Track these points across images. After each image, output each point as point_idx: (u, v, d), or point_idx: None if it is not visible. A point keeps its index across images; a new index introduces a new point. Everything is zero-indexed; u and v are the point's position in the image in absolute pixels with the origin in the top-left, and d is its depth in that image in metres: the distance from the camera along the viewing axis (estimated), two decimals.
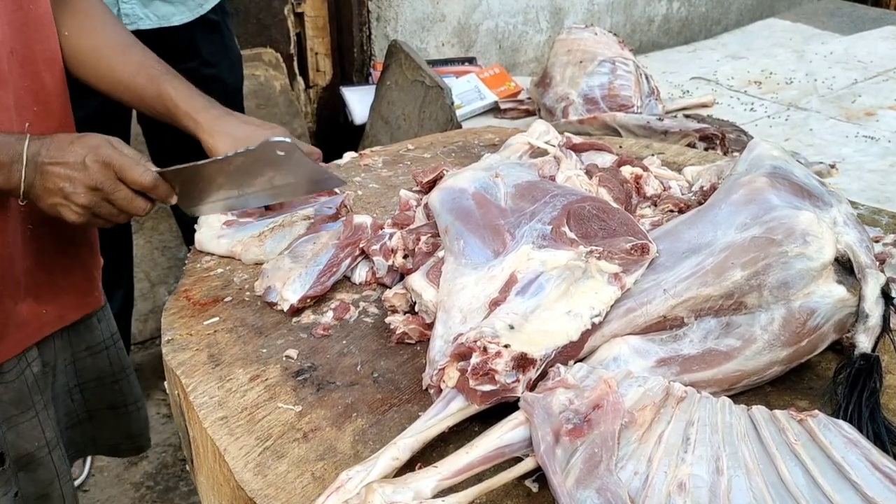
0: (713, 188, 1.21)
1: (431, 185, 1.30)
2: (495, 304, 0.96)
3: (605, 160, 1.32)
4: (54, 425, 1.32)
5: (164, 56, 2.06)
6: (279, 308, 1.15)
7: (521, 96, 2.72)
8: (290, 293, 1.14)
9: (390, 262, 1.17)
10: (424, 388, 0.99)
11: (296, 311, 1.14)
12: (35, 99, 1.21)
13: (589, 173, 1.21)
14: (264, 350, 1.08)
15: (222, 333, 1.11)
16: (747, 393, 0.97)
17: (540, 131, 1.41)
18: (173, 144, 2.21)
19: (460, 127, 2.27)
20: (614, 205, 1.09)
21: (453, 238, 1.06)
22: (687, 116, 2.44)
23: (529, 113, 2.62)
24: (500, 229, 1.05)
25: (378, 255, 1.18)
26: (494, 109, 2.65)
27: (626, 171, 1.27)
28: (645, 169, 1.28)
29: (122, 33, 1.36)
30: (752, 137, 2.26)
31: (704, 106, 2.72)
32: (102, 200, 1.12)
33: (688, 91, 2.85)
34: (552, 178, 1.20)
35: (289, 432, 0.94)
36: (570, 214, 1.04)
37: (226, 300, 1.18)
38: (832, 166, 2.28)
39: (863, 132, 2.53)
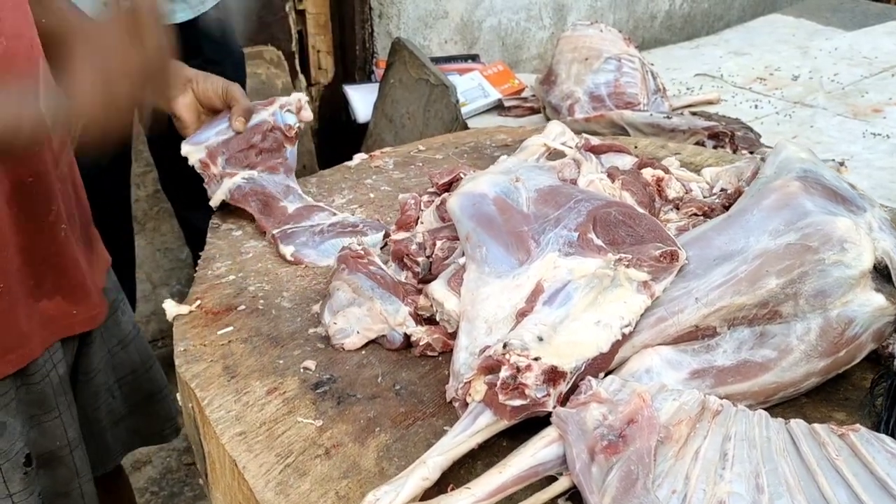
0: (738, 191, 1.19)
1: (447, 186, 1.27)
2: (522, 314, 0.93)
3: (624, 162, 1.29)
4: (77, 426, 1.31)
5: None
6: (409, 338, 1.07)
7: (525, 94, 2.69)
8: (403, 315, 1.07)
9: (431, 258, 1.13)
10: (448, 400, 0.95)
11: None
12: None
13: (611, 176, 1.18)
14: (281, 361, 1.04)
15: (237, 344, 1.08)
16: (782, 405, 0.95)
17: (556, 132, 1.38)
18: (175, 141, 2.19)
19: (466, 125, 2.24)
20: (640, 210, 1.06)
21: (475, 245, 1.03)
22: (693, 114, 2.41)
23: (534, 111, 2.59)
24: (524, 236, 1.02)
25: (421, 254, 1.13)
26: (498, 107, 2.62)
27: (648, 173, 1.24)
28: (666, 171, 1.25)
29: None
30: (759, 135, 2.25)
31: (710, 103, 2.70)
32: None
33: (691, 88, 2.82)
34: (573, 182, 1.17)
35: (310, 448, 0.91)
36: (596, 220, 1.01)
37: (239, 309, 1.14)
38: (841, 164, 2.25)
39: (870, 129, 2.50)
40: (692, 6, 3.72)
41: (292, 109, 1.41)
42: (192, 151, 1.35)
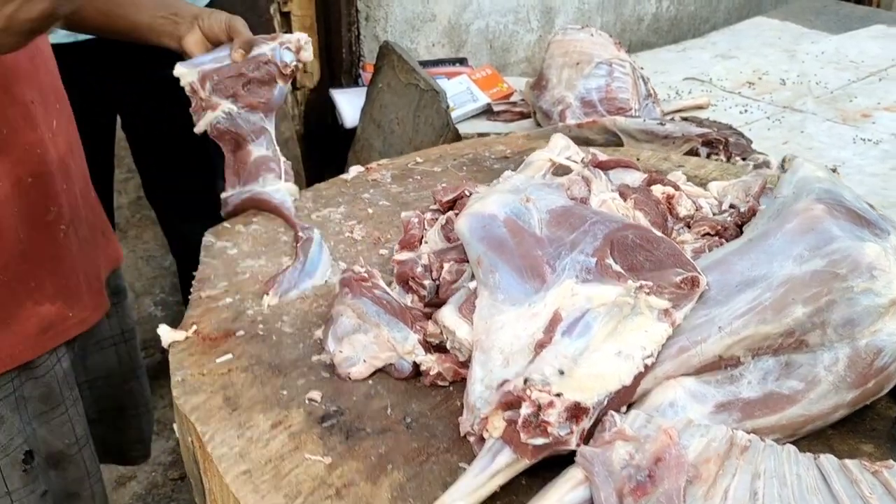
0: (751, 210, 1.15)
1: (451, 204, 1.23)
2: (541, 346, 0.89)
3: (633, 178, 1.25)
4: (85, 423, 1.28)
5: (153, 56, 1.98)
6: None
7: (514, 98, 2.65)
8: (412, 342, 1.03)
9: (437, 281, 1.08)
10: (463, 435, 0.91)
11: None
12: (56, 95, 1.15)
13: (623, 195, 1.15)
14: (284, 392, 1.00)
15: (237, 373, 1.03)
16: (808, 437, 0.92)
17: (560, 146, 1.34)
18: (160, 148, 2.13)
19: (457, 131, 2.19)
20: (657, 232, 1.03)
21: (487, 270, 0.99)
22: (685, 119, 2.39)
23: (523, 115, 2.56)
24: (539, 261, 0.98)
25: (427, 277, 1.09)
26: (487, 112, 2.58)
27: (657, 190, 1.20)
28: (676, 187, 1.22)
29: None
30: (750, 141, 2.23)
31: (700, 108, 2.68)
32: None
33: (680, 92, 2.80)
34: (584, 201, 1.13)
35: (320, 488, 0.86)
36: (613, 245, 0.98)
37: (238, 334, 1.09)
38: (834, 170, 2.24)
39: (860, 134, 2.50)
40: (678, 9, 3.71)
41: (292, 48, 1.40)
42: (185, 73, 1.35)
